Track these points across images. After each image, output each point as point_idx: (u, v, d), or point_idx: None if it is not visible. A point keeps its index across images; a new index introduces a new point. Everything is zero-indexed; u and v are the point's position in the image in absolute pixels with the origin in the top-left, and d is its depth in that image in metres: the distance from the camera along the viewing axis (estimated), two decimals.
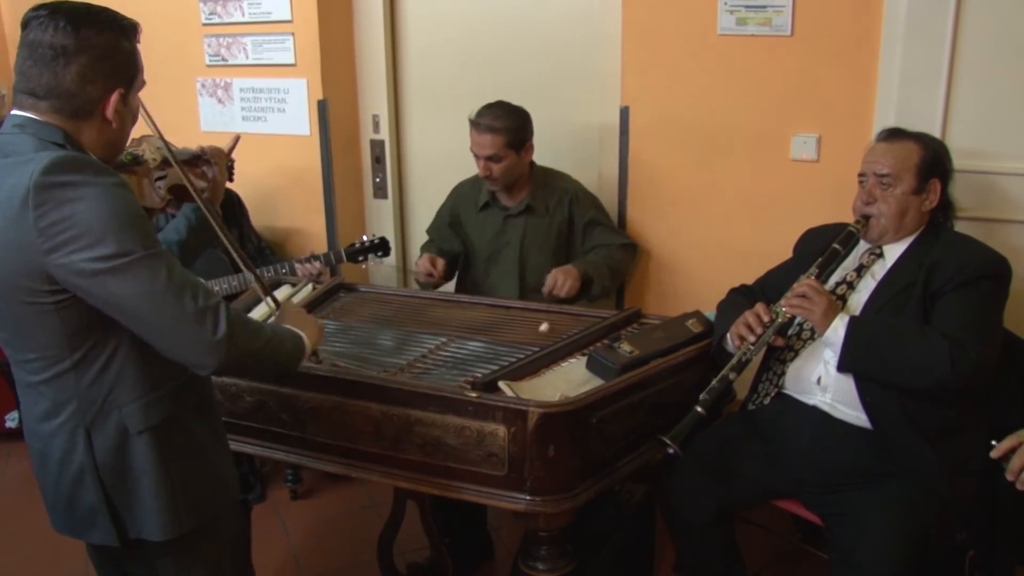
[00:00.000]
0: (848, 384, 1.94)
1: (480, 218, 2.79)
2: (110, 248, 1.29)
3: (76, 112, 1.39)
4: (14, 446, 3.38)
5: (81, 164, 1.32)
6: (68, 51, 1.35)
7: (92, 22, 1.37)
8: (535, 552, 1.93)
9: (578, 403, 1.79)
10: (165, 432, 1.47)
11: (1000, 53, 2.37)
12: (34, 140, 1.36)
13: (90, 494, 1.47)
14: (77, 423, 1.44)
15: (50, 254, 1.29)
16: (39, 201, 1.28)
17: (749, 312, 2.02)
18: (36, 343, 1.41)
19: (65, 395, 1.43)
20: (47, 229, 1.28)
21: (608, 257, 2.72)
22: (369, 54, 3.34)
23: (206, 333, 1.35)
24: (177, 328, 1.34)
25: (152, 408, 1.45)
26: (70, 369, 1.41)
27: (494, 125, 2.59)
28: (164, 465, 1.47)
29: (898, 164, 2.00)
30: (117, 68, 1.40)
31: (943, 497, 1.84)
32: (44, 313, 1.36)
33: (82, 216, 1.28)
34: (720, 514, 2.01)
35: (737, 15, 2.64)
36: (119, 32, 1.41)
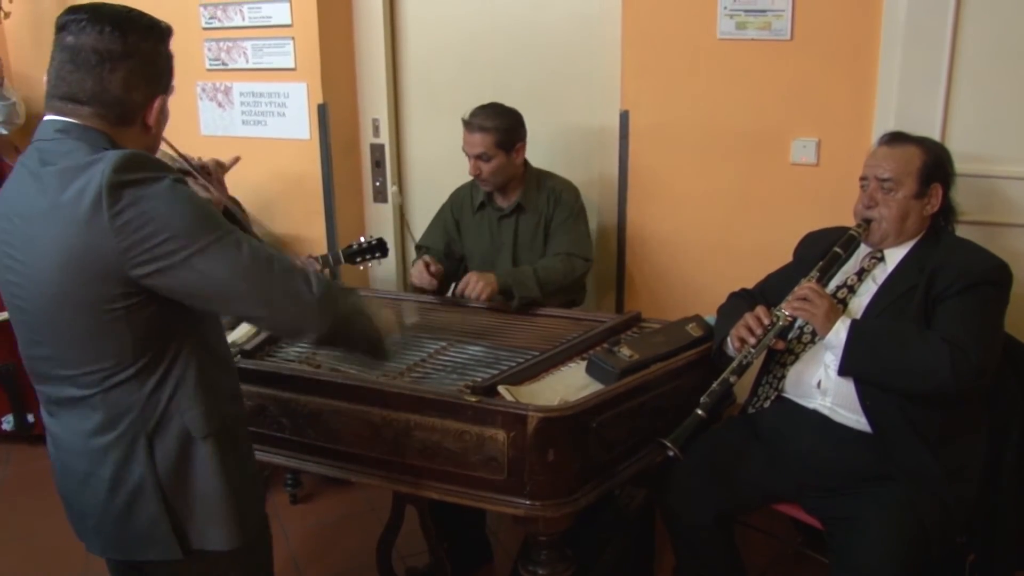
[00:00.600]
0: (848, 388, 1.94)
1: (476, 220, 2.79)
2: (192, 233, 1.28)
3: (120, 118, 1.37)
4: (13, 449, 3.38)
5: (147, 161, 1.31)
6: (114, 56, 1.32)
7: (137, 27, 1.35)
8: (535, 556, 1.93)
9: (578, 407, 1.79)
10: (225, 438, 1.45)
11: (999, 57, 2.37)
12: (84, 145, 1.32)
13: (150, 507, 1.41)
14: (137, 432, 1.39)
15: (128, 252, 1.26)
16: (113, 200, 1.24)
17: (749, 315, 2.02)
18: (97, 354, 1.36)
19: (124, 405, 1.39)
20: (123, 228, 1.25)
21: (545, 268, 2.58)
22: (369, 58, 3.34)
23: (306, 293, 1.35)
24: (275, 295, 1.34)
25: (213, 414, 1.43)
26: (132, 377, 1.37)
27: (484, 124, 2.61)
28: (227, 472, 1.45)
29: (900, 168, 2.00)
30: (159, 74, 1.40)
31: (943, 501, 1.84)
32: (113, 321, 1.32)
33: (158, 211, 1.26)
34: (720, 518, 2.01)
35: (737, 19, 2.65)
36: (160, 37, 1.40)
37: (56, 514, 2.93)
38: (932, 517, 1.81)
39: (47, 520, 2.90)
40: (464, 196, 2.84)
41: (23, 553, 2.73)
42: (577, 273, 2.65)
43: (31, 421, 3.35)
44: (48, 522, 2.89)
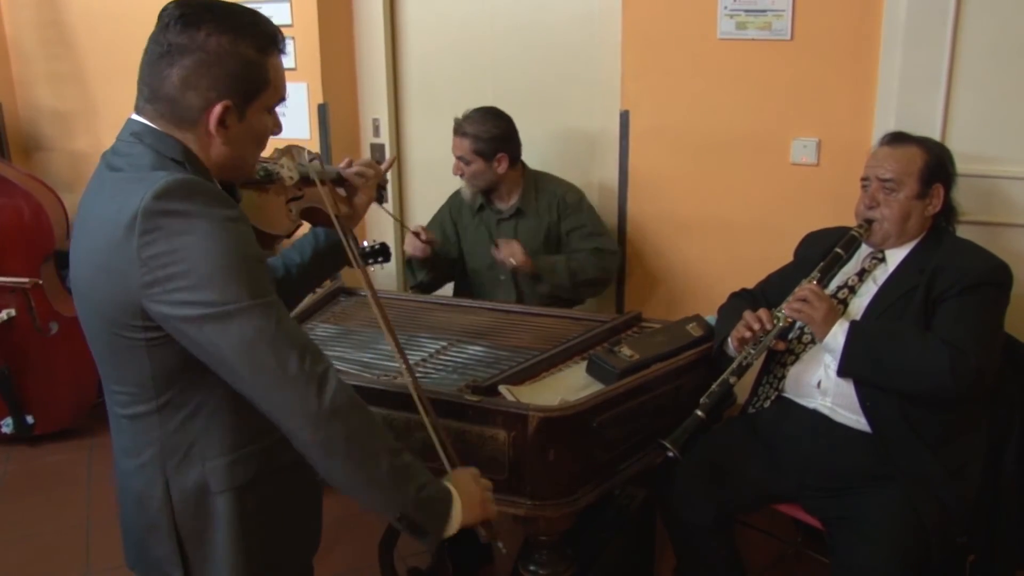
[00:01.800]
0: (848, 388, 1.94)
1: (475, 222, 2.80)
2: (215, 293, 1.13)
3: (179, 121, 1.23)
4: (13, 450, 3.38)
5: (197, 191, 1.16)
6: (174, 50, 1.20)
7: (208, 22, 1.20)
8: (535, 556, 1.93)
9: (578, 407, 1.79)
10: (249, 493, 1.32)
11: (1000, 57, 2.37)
12: (151, 153, 1.22)
13: (163, 545, 1.33)
14: (157, 468, 1.29)
15: (149, 288, 1.14)
16: (146, 228, 1.13)
17: (750, 315, 2.01)
18: (124, 377, 1.27)
19: (148, 437, 1.29)
20: (150, 260, 1.13)
21: (575, 260, 2.64)
22: (369, 58, 3.35)
23: (308, 400, 1.17)
24: (276, 389, 1.17)
25: (239, 466, 1.30)
26: (155, 411, 1.27)
27: (467, 129, 2.64)
28: (244, 529, 1.32)
29: (901, 169, 2.00)
30: (227, 77, 1.22)
31: (943, 501, 1.84)
32: (134, 348, 1.22)
33: (190, 252, 1.13)
34: (720, 518, 2.01)
35: (737, 19, 2.65)
36: (242, 38, 1.22)
37: (57, 515, 2.95)
38: (932, 517, 1.81)
39: (48, 521, 2.91)
40: (463, 199, 2.84)
41: (24, 553, 2.73)
42: (611, 267, 2.75)
43: (31, 422, 3.35)
44: (49, 523, 2.89)
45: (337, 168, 1.70)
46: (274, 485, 1.36)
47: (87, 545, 2.75)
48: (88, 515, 2.93)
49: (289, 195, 1.54)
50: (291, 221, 1.53)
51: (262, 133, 1.32)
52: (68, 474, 3.21)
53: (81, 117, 3.71)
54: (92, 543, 2.76)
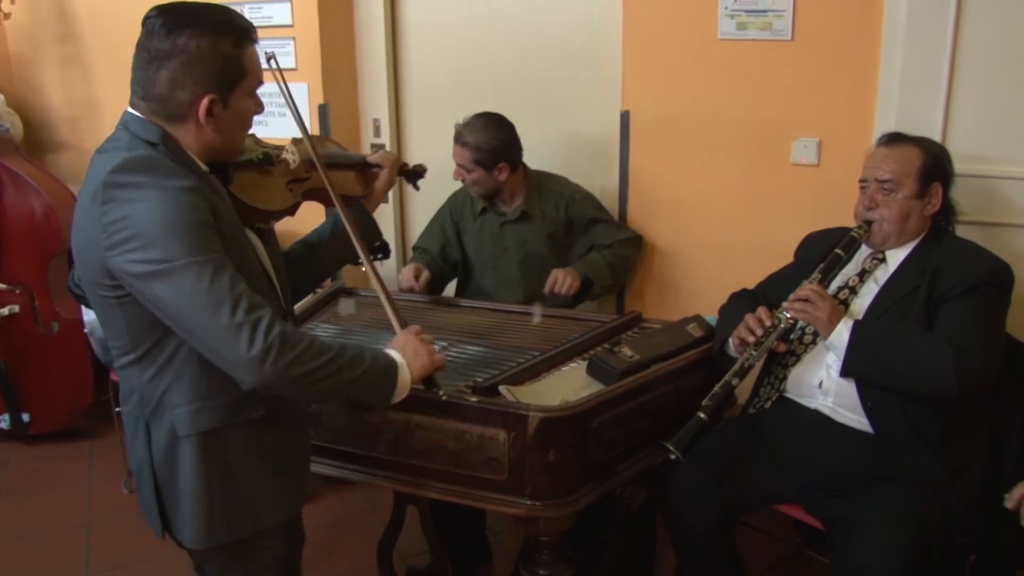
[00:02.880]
0: (849, 388, 1.94)
1: (478, 224, 2.79)
2: (157, 252, 1.29)
3: (170, 116, 1.40)
4: (14, 448, 3.38)
5: (149, 166, 1.33)
6: (160, 55, 1.36)
7: (188, 26, 1.36)
8: (536, 557, 1.93)
9: (578, 407, 1.79)
10: (212, 441, 1.45)
11: (1000, 57, 2.37)
12: (129, 137, 1.39)
13: (146, 486, 1.49)
14: (139, 415, 1.47)
15: (109, 251, 1.31)
16: (105, 199, 1.31)
17: (751, 316, 2.01)
18: (109, 331, 1.45)
19: (130, 385, 1.47)
20: (109, 226, 1.31)
21: (613, 255, 2.72)
22: (370, 58, 3.35)
23: (239, 348, 1.30)
24: (212, 339, 1.32)
25: (202, 415, 1.43)
26: (134, 363, 1.44)
27: (466, 139, 2.62)
28: (206, 475, 1.45)
29: (899, 169, 2.00)
30: (209, 73, 1.38)
31: (944, 501, 1.84)
32: (111, 305, 1.40)
33: (138, 218, 1.29)
34: (721, 518, 2.01)
35: (738, 20, 2.65)
36: (219, 36, 1.38)
37: (57, 515, 2.95)
38: (933, 517, 1.81)
39: (48, 521, 2.91)
40: (465, 199, 2.84)
41: (24, 553, 2.73)
42: (637, 256, 2.85)
43: (26, 420, 3.36)
44: (49, 523, 2.90)
45: (363, 155, 2.00)
46: (242, 438, 1.48)
47: (87, 545, 2.75)
48: (88, 515, 2.93)
49: (292, 176, 1.76)
50: (288, 199, 1.73)
51: (246, 116, 1.50)
52: (68, 474, 3.21)
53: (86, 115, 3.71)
54: (92, 543, 2.77)
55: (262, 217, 1.64)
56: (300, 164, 1.77)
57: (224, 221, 1.41)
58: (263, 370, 1.31)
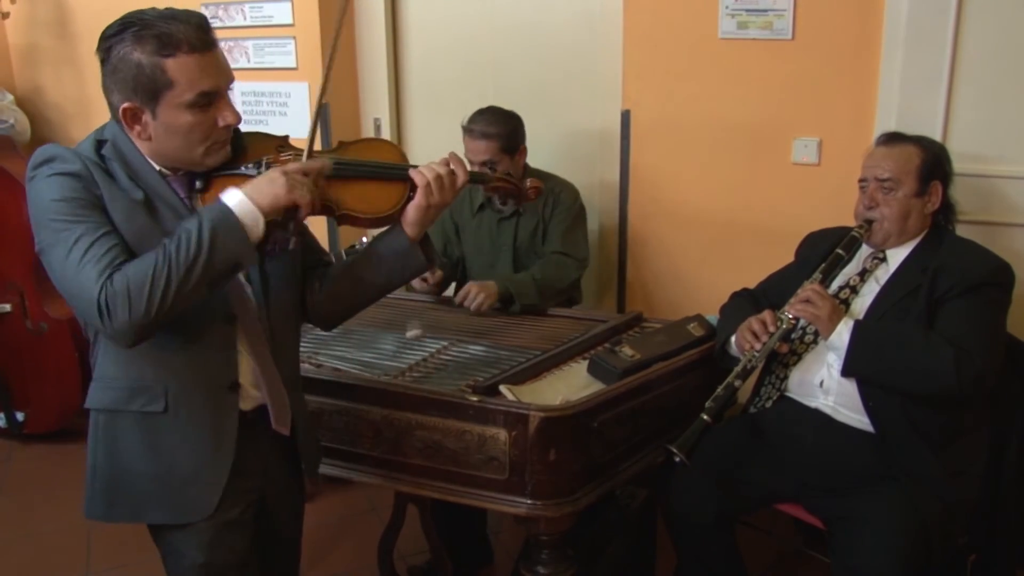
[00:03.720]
0: (851, 388, 1.94)
1: (475, 222, 2.78)
2: (46, 228, 1.35)
3: (117, 120, 1.43)
4: (15, 447, 3.38)
5: (49, 156, 1.39)
6: (102, 63, 1.40)
7: (119, 32, 1.37)
8: (536, 556, 1.93)
9: (579, 407, 1.79)
10: (107, 420, 1.50)
11: (1001, 57, 2.37)
12: (91, 134, 1.46)
13: None
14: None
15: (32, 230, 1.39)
16: (27, 189, 1.41)
17: (755, 318, 2.01)
18: None
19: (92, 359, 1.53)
20: (28, 206, 1.40)
21: (540, 272, 2.57)
22: (371, 58, 3.35)
23: (97, 312, 1.29)
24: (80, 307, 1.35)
25: (101, 393, 1.49)
26: (91, 338, 1.52)
27: (488, 131, 2.58)
28: (95, 449, 1.51)
29: (899, 168, 2.00)
30: (128, 81, 1.37)
31: (945, 501, 1.84)
32: None
33: (35, 200, 1.38)
34: (721, 517, 2.01)
35: (738, 19, 2.65)
36: (137, 43, 1.34)
37: (57, 515, 2.95)
38: (934, 517, 1.81)
39: (48, 521, 2.91)
40: (463, 198, 2.83)
41: (24, 553, 2.73)
42: (571, 276, 2.63)
43: (21, 419, 3.36)
44: (49, 523, 2.89)
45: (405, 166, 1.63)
46: (134, 427, 1.48)
47: (87, 545, 2.75)
48: None
49: None
50: None
51: (180, 127, 1.40)
52: (69, 474, 3.20)
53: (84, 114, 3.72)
54: (92, 543, 2.76)
55: None
56: None
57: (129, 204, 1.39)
58: (115, 330, 1.31)
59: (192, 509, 1.53)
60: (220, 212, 1.34)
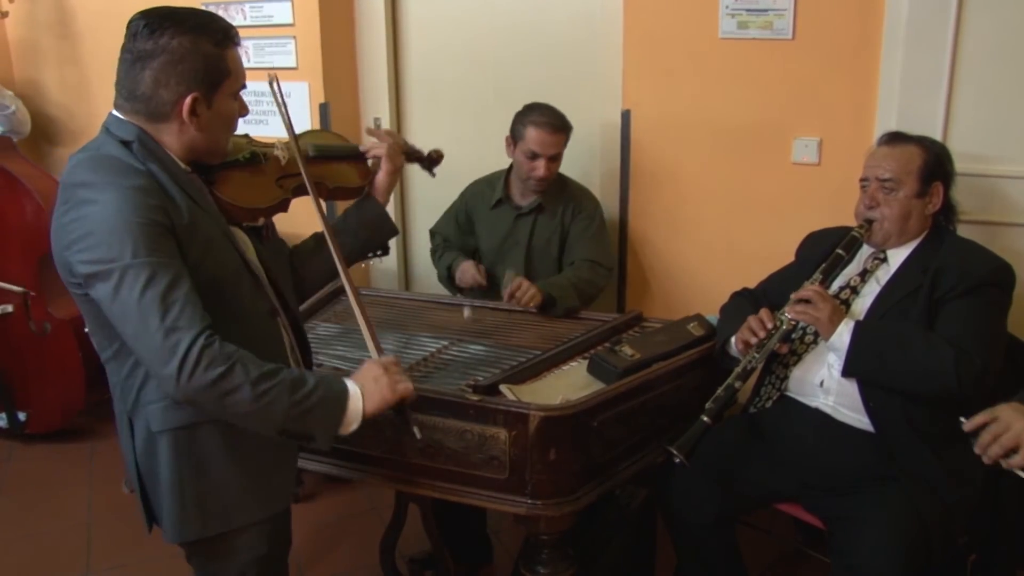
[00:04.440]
0: (851, 387, 1.93)
1: (492, 216, 2.78)
2: (100, 252, 1.30)
3: (153, 115, 1.42)
4: (15, 447, 3.38)
5: (102, 165, 1.36)
6: (144, 55, 1.38)
7: (169, 27, 1.38)
8: (536, 556, 1.93)
9: (579, 406, 1.79)
10: (185, 437, 1.46)
11: (1001, 57, 2.37)
12: (104, 137, 1.42)
13: (133, 479, 1.52)
14: (122, 409, 1.50)
15: (68, 249, 1.34)
16: (63, 199, 1.35)
17: (753, 318, 2.01)
18: (88, 326, 1.48)
19: (113, 380, 1.50)
20: (66, 226, 1.34)
21: (575, 276, 2.58)
22: (371, 57, 3.35)
23: (161, 359, 1.29)
24: (139, 346, 1.32)
25: (172, 411, 1.44)
26: (112, 358, 1.46)
27: (564, 124, 2.62)
28: (178, 470, 1.46)
29: (900, 168, 2.00)
30: (192, 72, 1.40)
31: (945, 501, 1.84)
32: (83, 301, 1.41)
33: (88, 218, 1.31)
34: (721, 517, 2.01)
35: (738, 19, 2.65)
36: (200, 36, 1.40)
37: (57, 515, 2.95)
38: (933, 517, 1.81)
39: (48, 521, 2.91)
40: (480, 192, 2.83)
41: (24, 553, 2.73)
42: (602, 283, 2.66)
43: (23, 419, 3.36)
44: (49, 523, 2.89)
45: (357, 145, 1.91)
46: (216, 435, 1.48)
47: (87, 545, 2.75)
48: (88, 515, 2.93)
49: (282, 173, 1.73)
50: (276, 196, 1.69)
51: (230, 117, 1.50)
52: (69, 474, 3.21)
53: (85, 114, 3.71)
54: (92, 543, 2.76)
55: (248, 215, 1.63)
56: (291, 160, 1.74)
57: (190, 221, 1.39)
58: (180, 385, 1.29)
59: (277, 498, 1.60)
60: (340, 395, 1.42)
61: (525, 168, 2.64)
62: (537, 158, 2.61)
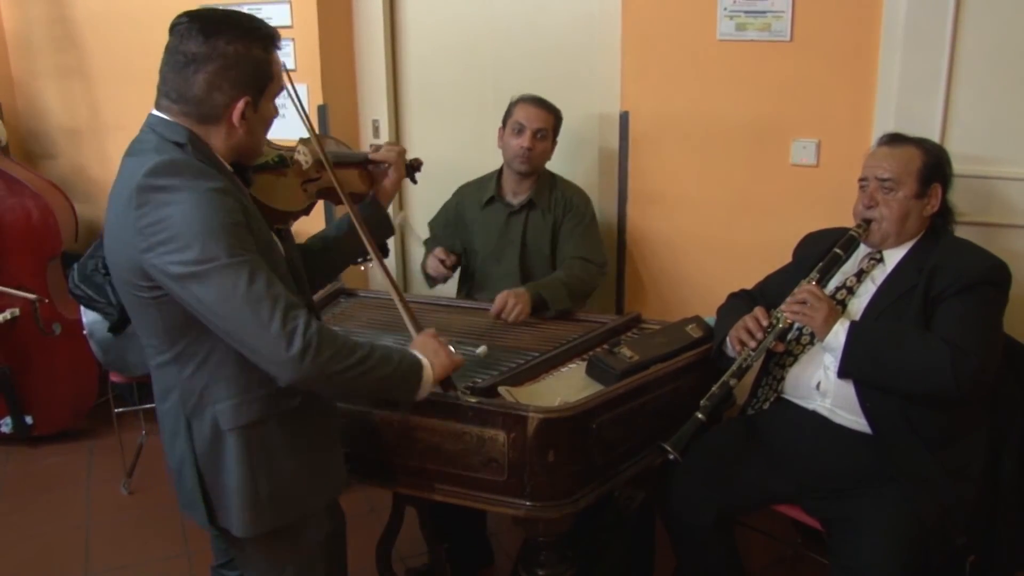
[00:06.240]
0: (848, 389, 1.94)
1: (484, 215, 2.78)
2: (195, 253, 1.32)
3: (204, 117, 1.45)
4: (13, 450, 3.38)
5: (181, 168, 1.37)
6: (198, 59, 1.40)
7: (224, 31, 1.41)
8: (535, 558, 1.93)
9: (578, 408, 1.79)
10: (255, 433, 1.50)
11: (999, 58, 2.38)
12: (157, 139, 1.43)
13: (190, 479, 1.52)
14: (180, 411, 1.50)
15: (146, 253, 1.35)
16: (140, 202, 1.34)
17: (748, 317, 2.02)
18: (146, 330, 1.49)
19: (169, 383, 1.51)
20: (144, 229, 1.34)
21: (566, 275, 2.56)
22: (369, 59, 3.35)
23: (279, 347, 1.35)
24: (252, 338, 1.36)
25: (243, 408, 1.48)
26: (172, 361, 1.48)
27: (550, 105, 2.67)
28: (249, 466, 1.50)
29: (900, 169, 2.00)
30: (245, 76, 1.44)
31: (943, 502, 1.84)
32: (146, 306, 1.43)
33: (174, 220, 1.33)
34: (720, 519, 2.01)
35: (737, 21, 2.65)
36: (251, 41, 1.44)
37: (57, 516, 2.95)
38: (932, 518, 1.81)
39: (48, 522, 2.91)
40: (471, 192, 2.84)
41: (24, 554, 2.73)
42: (595, 281, 2.66)
43: (29, 423, 3.36)
44: (49, 524, 2.90)
45: (366, 152, 1.99)
46: (282, 427, 1.53)
47: (87, 546, 2.76)
48: (88, 516, 2.93)
49: (305, 177, 1.79)
50: (304, 199, 1.77)
51: (269, 119, 1.56)
52: (68, 475, 3.21)
53: (85, 122, 3.71)
54: (92, 544, 2.77)
55: (282, 218, 1.69)
56: (312, 164, 1.81)
57: (254, 220, 1.46)
58: (302, 367, 1.37)
59: (339, 478, 1.68)
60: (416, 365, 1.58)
61: (512, 146, 2.65)
62: (523, 132, 2.63)
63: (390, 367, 1.52)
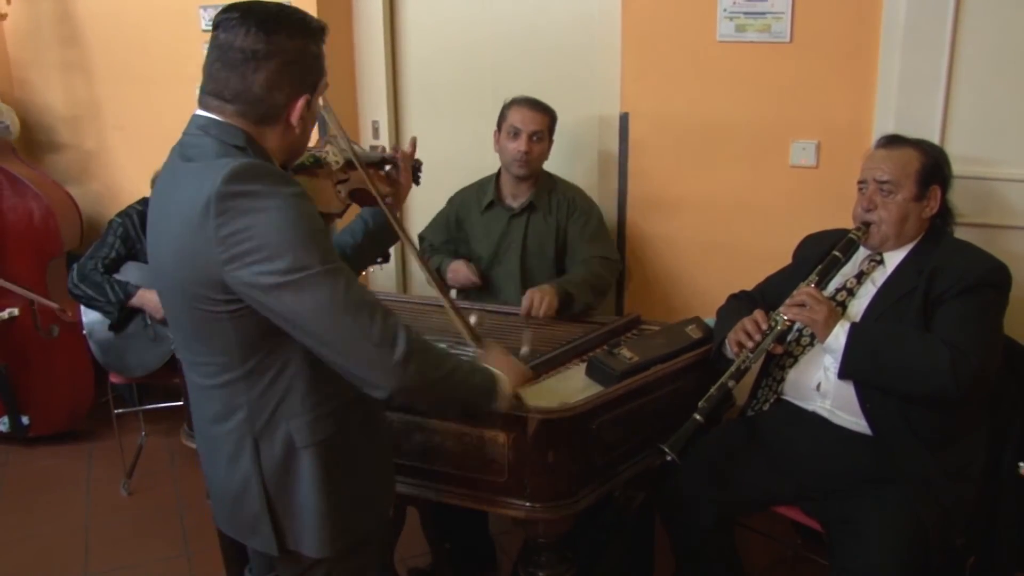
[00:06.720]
0: (848, 390, 1.94)
1: (484, 219, 2.78)
2: (288, 262, 1.24)
3: (262, 117, 1.36)
4: (12, 450, 3.38)
5: (262, 173, 1.28)
6: (258, 56, 1.32)
7: (283, 26, 1.33)
8: (535, 559, 1.93)
9: (578, 409, 1.79)
10: (330, 448, 1.44)
11: (999, 60, 2.38)
12: (216, 143, 1.33)
13: (254, 502, 1.44)
14: (246, 431, 1.42)
15: (228, 264, 1.26)
16: (220, 210, 1.24)
17: (747, 319, 2.02)
18: (210, 348, 1.39)
19: (236, 402, 1.41)
20: (227, 239, 1.25)
21: (587, 272, 2.60)
22: (369, 60, 3.35)
23: (383, 354, 1.29)
24: (354, 347, 1.30)
25: (319, 423, 1.42)
26: (242, 377, 1.39)
27: (544, 106, 2.67)
28: (327, 481, 1.44)
29: (899, 171, 2.00)
30: (304, 73, 1.38)
31: (943, 503, 1.84)
32: (218, 320, 1.34)
33: (262, 228, 1.24)
34: (720, 520, 2.01)
35: (736, 22, 2.65)
36: (308, 36, 1.38)
37: (56, 517, 2.94)
38: (932, 519, 1.81)
39: (47, 522, 2.91)
40: (469, 197, 2.83)
41: (23, 555, 2.73)
42: (612, 278, 2.70)
43: (26, 423, 3.35)
44: (48, 524, 2.90)
45: (379, 153, 1.90)
46: (351, 441, 1.48)
47: (86, 547, 2.75)
48: (87, 517, 2.93)
49: (336, 178, 1.71)
50: (341, 201, 1.69)
51: (317, 116, 1.48)
52: (68, 476, 3.21)
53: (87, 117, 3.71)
54: (91, 545, 2.76)
55: (326, 221, 1.61)
56: (341, 164, 1.72)
57: None
58: (407, 374, 1.31)
59: (394, 483, 1.67)
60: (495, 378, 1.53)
61: (509, 150, 2.66)
62: (519, 135, 2.64)
63: (477, 378, 1.49)
